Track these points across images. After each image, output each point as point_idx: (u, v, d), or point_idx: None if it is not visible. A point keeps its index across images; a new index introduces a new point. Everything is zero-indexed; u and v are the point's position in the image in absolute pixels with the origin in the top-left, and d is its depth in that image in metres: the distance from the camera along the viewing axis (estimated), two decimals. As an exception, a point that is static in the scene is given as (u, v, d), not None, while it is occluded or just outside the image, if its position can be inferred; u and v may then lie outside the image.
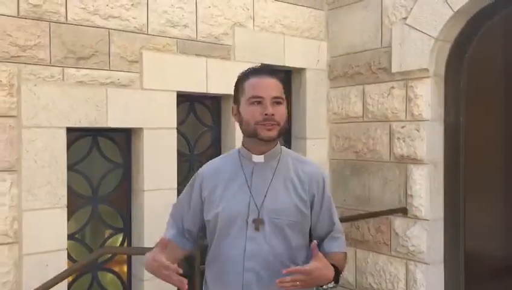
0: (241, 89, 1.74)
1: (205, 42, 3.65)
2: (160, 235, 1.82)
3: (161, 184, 3.37)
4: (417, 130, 3.65)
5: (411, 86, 3.69)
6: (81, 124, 3.08)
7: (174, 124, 3.48)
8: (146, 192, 3.32)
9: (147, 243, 3.25)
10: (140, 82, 3.34)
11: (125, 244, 3.44)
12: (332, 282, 1.63)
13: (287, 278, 1.50)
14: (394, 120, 3.82)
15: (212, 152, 3.82)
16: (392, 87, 3.83)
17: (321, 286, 1.63)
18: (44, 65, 2.98)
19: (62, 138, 3.01)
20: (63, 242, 3.01)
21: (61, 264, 2.95)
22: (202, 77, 3.61)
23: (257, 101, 1.67)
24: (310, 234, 1.83)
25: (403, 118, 3.76)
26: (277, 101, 1.69)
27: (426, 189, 3.62)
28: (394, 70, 3.78)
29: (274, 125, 1.67)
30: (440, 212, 3.68)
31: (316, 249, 1.59)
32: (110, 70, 3.22)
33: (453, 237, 3.69)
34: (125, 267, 3.47)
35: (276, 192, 1.72)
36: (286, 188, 1.73)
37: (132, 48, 3.31)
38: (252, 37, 3.90)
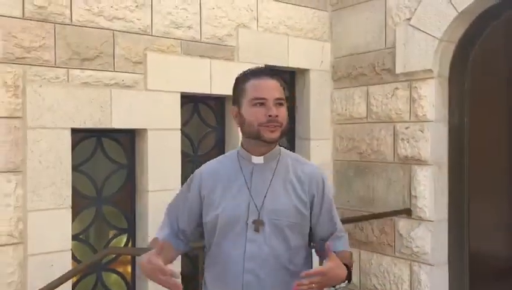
0: (241, 91, 1.72)
1: (209, 43, 3.66)
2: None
3: (165, 185, 3.37)
4: (421, 131, 3.64)
5: (415, 87, 3.69)
6: (85, 125, 3.09)
7: (178, 125, 3.49)
8: (150, 193, 3.33)
9: (151, 244, 3.26)
10: (144, 83, 3.35)
11: (129, 245, 3.45)
12: (345, 281, 1.63)
13: (305, 281, 1.49)
14: (398, 121, 3.82)
15: (216, 153, 3.82)
16: (396, 88, 3.83)
17: (333, 286, 1.62)
18: (49, 66, 2.99)
19: (67, 139, 3.02)
20: (68, 243, 3.02)
21: (65, 264, 2.96)
22: (206, 78, 3.62)
23: (260, 103, 1.66)
24: (310, 234, 1.82)
25: (407, 119, 3.75)
26: (279, 103, 1.69)
27: (430, 190, 3.61)
28: (398, 71, 3.78)
29: (277, 126, 1.67)
30: (444, 213, 3.68)
31: (331, 249, 1.58)
32: (115, 71, 3.23)
33: (458, 238, 3.68)
34: (129, 267, 3.47)
35: (275, 193, 1.71)
36: (286, 189, 1.73)
37: (136, 49, 3.32)
38: (256, 38, 3.90)
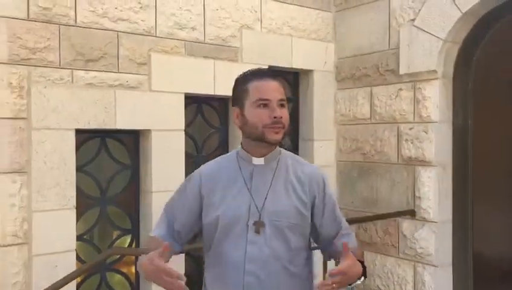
0: (244, 92, 1.70)
1: (213, 44, 3.67)
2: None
3: (169, 185, 3.36)
4: (425, 132, 3.64)
5: (419, 88, 3.68)
6: (89, 126, 3.10)
7: (182, 126, 3.50)
8: (154, 193, 3.34)
9: (155, 244, 3.27)
10: (148, 84, 3.36)
11: (133, 245, 3.46)
12: (362, 277, 1.62)
13: (328, 281, 1.48)
14: (402, 122, 3.81)
15: (219, 153, 3.75)
16: (400, 88, 3.82)
17: (349, 285, 1.61)
18: (53, 67, 3.00)
19: (71, 140, 3.04)
20: (72, 243, 3.04)
21: (70, 265, 2.97)
22: (210, 79, 3.63)
23: (264, 104, 1.65)
24: (316, 235, 1.82)
25: (411, 120, 3.74)
26: (282, 104, 1.68)
27: (434, 191, 3.60)
28: (402, 72, 3.77)
29: (280, 128, 1.66)
30: (448, 214, 3.67)
31: (347, 247, 1.57)
32: (119, 72, 3.24)
33: (462, 240, 3.67)
34: (133, 268, 3.48)
35: (276, 194, 1.70)
36: (286, 190, 1.72)
37: (140, 50, 3.33)
38: (260, 39, 3.91)
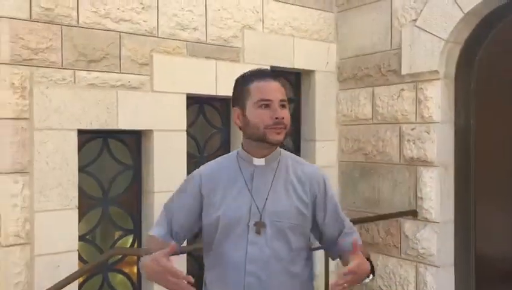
0: (245, 92, 1.71)
1: (215, 45, 3.67)
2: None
3: (171, 186, 3.32)
4: (427, 132, 3.63)
5: (421, 88, 3.68)
6: (92, 126, 3.10)
7: (184, 126, 3.50)
8: (156, 194, 3.34)
9: (157, 245, 3.27)
10: (150, 84, 3.36)
11: (135, 245, 3.46)
12: (371, 275, 1.62)
13: (340, 280, 1.47)
14: (404, 122, 3.81)
15: (221, 154, 3.72)
16: (402, 89, 3.82)
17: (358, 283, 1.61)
18: (56, 68, 3.01)
19: (73, 140, 3.04)
20: (74, 243, 3.04)
21: (72, 265, 2.97)
22: (212, 80, 3.63)
23: (265, 104, 1.66)
24: (321, 234, 1.82)
25: (413, 120, 3.74)
26: (283, 104, 1.69)
27: (436, 191, 3.60)
28: (404, 72, 3.77)
29: (282, 128, 1.67)
30: (450, 214, 3.66)
31: (357, 246, 1.57)
32: (121, 73, 3.24)
33: (464, 240, 3.67)
34: (135, 268, 3.48)
35: (277, 195, 1.70)
36: (286, 191, 1.72)
37: (142, 51, 3.33)
38: (262, 40, 3.91)
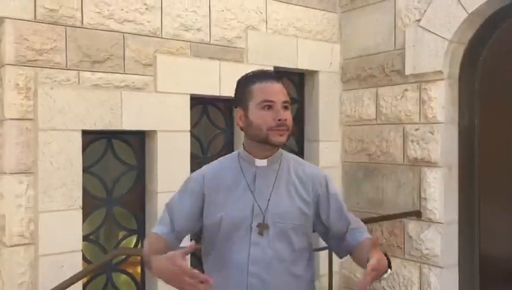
0: (248, 93, 1.71)
1: (218, 45, 3.67)
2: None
3: (174, 186, 3.29)
4: (431, 133, 3.62)
5: (425, 89, 3.67)
6: (96, 127, 3.11)
7: (188, 127, 3.51)
8: (159, 194, 3.35)
9: (161, 245, 3.27)
10: (154, 85, 3.37)
11: (139, 245, 3.47)
12: (388, 270, 1.59)
13: (366, 280, 1.45)
14: (408, 122, 3.80)
15: (224, 154, 3.76)
16: (406, 89, 3.81)
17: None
18: (60, 69, 3.02)
19: (77, 141, 3.05)
20: (78, 243, 3.05)
21: (76, 265, 2.98)
22: (215, 80, 3.63)
23: (268, 106, 1.65)
24: (326, 233, 1.81)
25: (417, 121, 3.73)
26: (285, 106, 1.68)
27: (440, 192, 3.59)
28: (408, 72, 3.76)
29: (285, 130, 1.66)
30: (454, 215, 3.65)
31: (376, 243, 1.54)
32: (125, 73, 3.25)
33: (468, 241, 3.66)
34: (139, 268, 3.50)
35: (279, 196, 1.70)
36: (288, 191, 1.72)
37: (146, 52, 3.34)
38: (265, 40, 3.91)
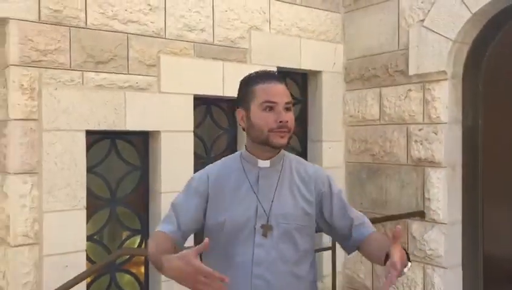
0: (250, 94, 1.70)
1: (222, 46, 3.68)
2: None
3: (178, 186, 3.30)
4: (435, 133, 3.62)
5: (428, 89, 3.67)
6: (100, 127, 3.12)
7: (191, 127, 3.51)
8: (163, 194, 3.35)
9: (164, 245, 3.28)
10: (158, 86, 3.38)
11: (142, 245, 3.48)
12: (409, 263, 1.53)
13: (390, 279, 1.39)
14: (411, 123, 3.80)
15: (228, 154, 3.79)
16: (409, 89, 3.81)
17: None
18: (64, 69, 3.03)
19: (81, 141, 3.06)
20: (82, 243, 3.06)
21: (80, 265, 2.99)
22: (219, 80, 3.64)
23: (270, 107, 1.64)
24: (332, 230, 1.81)
25: (421, 121, 3.73)
26: (288, 107, 1.67)
27: (444, 192, 3.58)
28: (411, 72, 3.76)
29: (286, 132, 1.65)
30: (458, 215, 3.65)
31: (398, 237, 1.48)
32: (129, 74, 3.26)
33: (472, 241, 3.65)
34: (142, 268, 3.50)
35: (283, 197, 1.70)
36: (291, 192, 1.72)
37: (150, 52, 3.35)
38: (268, 40, 3.91)
